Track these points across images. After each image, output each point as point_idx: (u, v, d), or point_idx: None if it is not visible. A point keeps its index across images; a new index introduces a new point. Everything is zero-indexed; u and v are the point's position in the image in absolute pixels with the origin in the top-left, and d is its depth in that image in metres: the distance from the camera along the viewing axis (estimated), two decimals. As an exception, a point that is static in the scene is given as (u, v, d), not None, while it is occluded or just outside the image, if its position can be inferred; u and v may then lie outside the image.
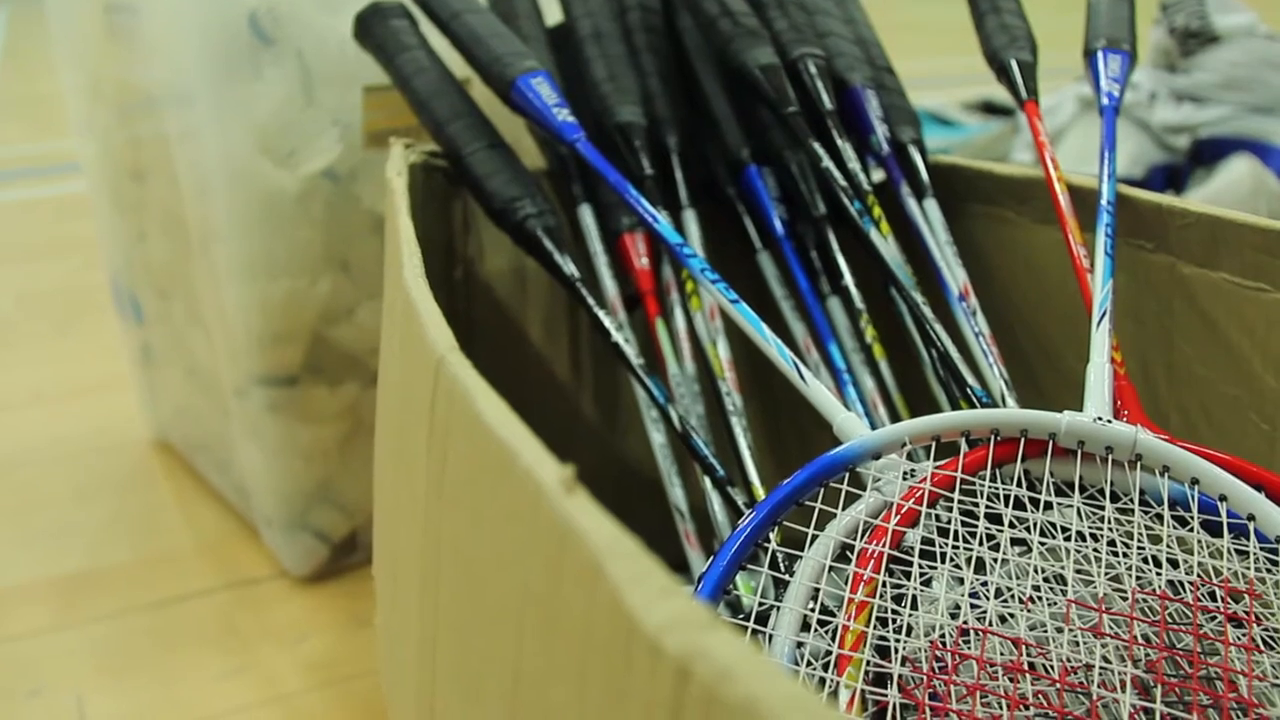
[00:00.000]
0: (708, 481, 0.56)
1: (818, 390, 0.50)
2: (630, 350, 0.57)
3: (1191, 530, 0.46)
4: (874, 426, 0.62)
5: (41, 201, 2.02)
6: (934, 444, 0.49)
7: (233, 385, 0.87)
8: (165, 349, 1.02)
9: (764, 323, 0.52)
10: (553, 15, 0.77)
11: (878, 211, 0.62)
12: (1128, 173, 1.38)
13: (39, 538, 0.96)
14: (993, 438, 0.48)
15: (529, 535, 0.24)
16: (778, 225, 0.68)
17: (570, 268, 0.59)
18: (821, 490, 0.47)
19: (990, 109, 1.70)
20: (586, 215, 0.67)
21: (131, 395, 1.12)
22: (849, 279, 0.65)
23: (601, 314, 0.57)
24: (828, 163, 0.62)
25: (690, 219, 0.68)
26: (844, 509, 0.46)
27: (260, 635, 0.83)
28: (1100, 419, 0.48)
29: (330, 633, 0.83)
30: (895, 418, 0.63)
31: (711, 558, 0.44)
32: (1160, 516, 0.46)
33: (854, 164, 0.63)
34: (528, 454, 0.24)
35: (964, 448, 0.48)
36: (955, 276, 0.63)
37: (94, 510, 1.00)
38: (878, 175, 0.70)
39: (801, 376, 0.50)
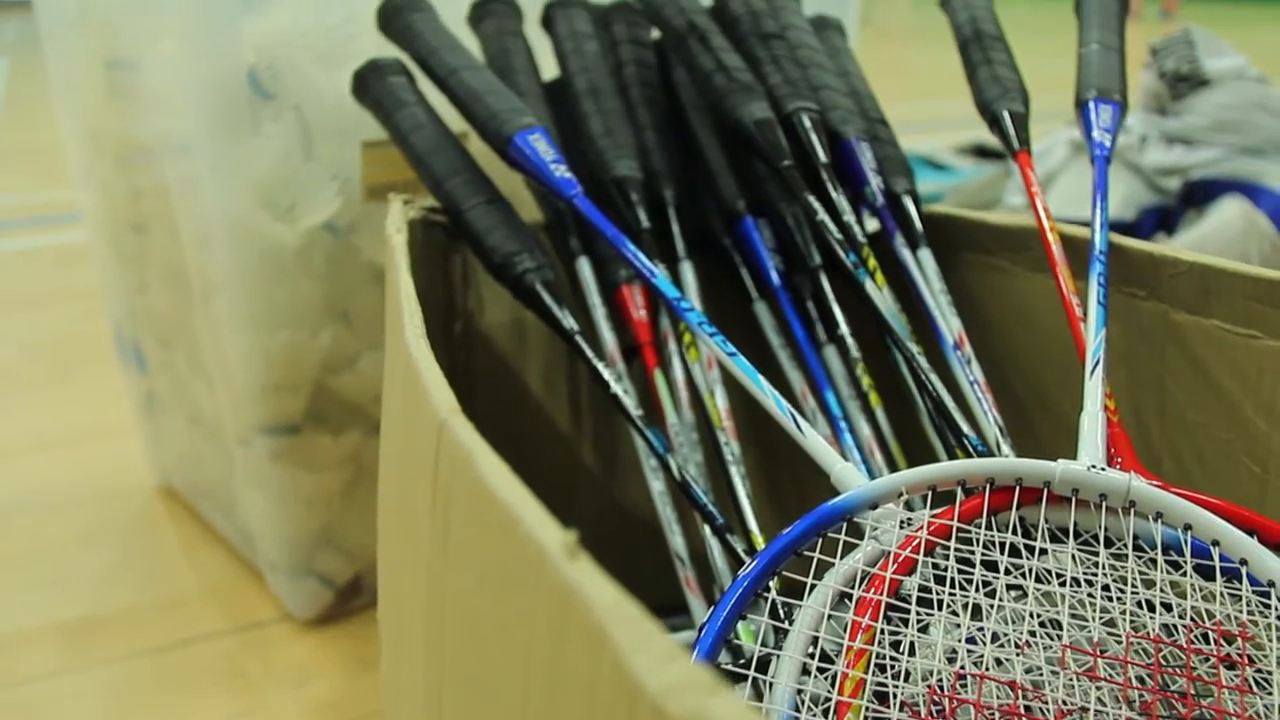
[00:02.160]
0: (707, 529, 0.57)
1: (815, 441, 0.50)
2: (629, 402, 0.57)
3: (1185, 574, 0.46)
4: (871, 473, 0.63)
5: (43, 250, 2.03)
6: (930, 493, 0.50)
7: (236, 434, 0.88)
8: (168, 397, 1.03)
9: (761, 375, 0.53)
10: (549, 70, 0.79)
11: (873, 263, 0.63)
12: (1119, 215, 1.39)
13: (45, 583, 0.96)
14: (988, 486, 0.49)
15: (533, 598, 0.25)
16: (774, 276, 0.69)
17: (569, 321, 0.60)
18: (820, 540, 0.47)
19: (983, 153, 1.72)
20: (585, 268, 0.68)
21: (135, 442, 1.13)
22: (845, 328, 0.66)
23: (600, 366, 0.58)
24: (823, 215, 0.63)
25: (687, 270, 0.69)
26: (842, 558, 0.47)
27: (266, 678, 0.84)
28: (1094, 467, 0.48)
29: (335, 675, 0.84)
30: (892, 463, 0.63)
31: (713, 607, 0.45)
32: (1154, 561, 0.47)
33: (849, 216, 0.64)
34: (531, 519, 0.25)
35: (960, 496, 0.48)
36: (950, 325, 0.63)
37: (99, 555, 1.01)
38: (872, 225, 0.71)
39: (799, 427, 0.51)
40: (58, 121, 1.02)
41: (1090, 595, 0.46)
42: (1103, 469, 0.48)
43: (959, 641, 0.44)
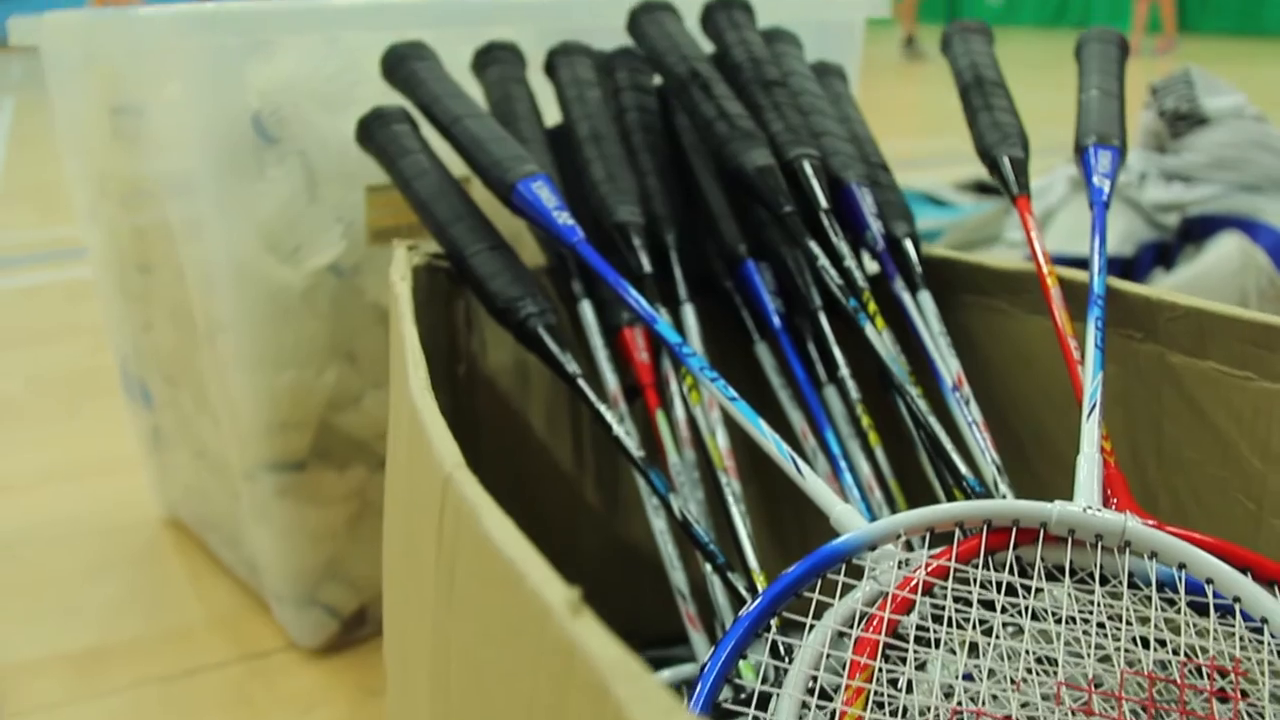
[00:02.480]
0: (708, 566, 0.58)
1: (814, 484, 0.51)
2: (631, 443, 0.58)
3: (1179, 611, 0.47)
4: (870, 511, 0.64)
5: (49, 286, 2.05)
6: (929, 534, 0.50)
7: (241, 470, 0.89)
8: (174, 432, 1.04)
9: (761, 418, 0.54)
10: (551, 113, 0.80)
11: (873, 307, 0.64)
12: (1118, 250, 1.40)
13: (52, 613, 0.98)
14: (985, 527, 0.49)
15: (536, 652, 0.25)
16: (775, 318, 0.70)
17: (571, 365, 0.61)
18: (820, 580, 0.48)
19: (983, 189, 1.73)
20: (587, 311, 0.69)
21: (141, 475, 1.14)
22: (844, 370, 0.67)
23: (602, 408, 0.59)
24: (824, 261, 0.64)
25: (689, 313, 0.70)
26: (841, 598, 0.47)
27: (272, 706, 0.84)
28: (1089, 508, 0.49)
29: (340, 704, 0.85)
30: (890, 501, 0.64)
31: (714, 647, 0.46)
32: (1149, 599, 0.48)
33: (849, 261, 0.65)
34: (534, 575, 0.26)
35: (958, 536, 0.49)
36: (949, 367, 0.64)
37: (106, 586, 1.02)
38: (873, 267, 0.71)
39: (799, 470, 0.51)
40: (64, 163, 1.03)
41: (1085, 632, 0.47)
42: (1098, 510, 0.49)
43: (955, 678, 0.45)
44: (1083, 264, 0.64)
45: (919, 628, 0.46)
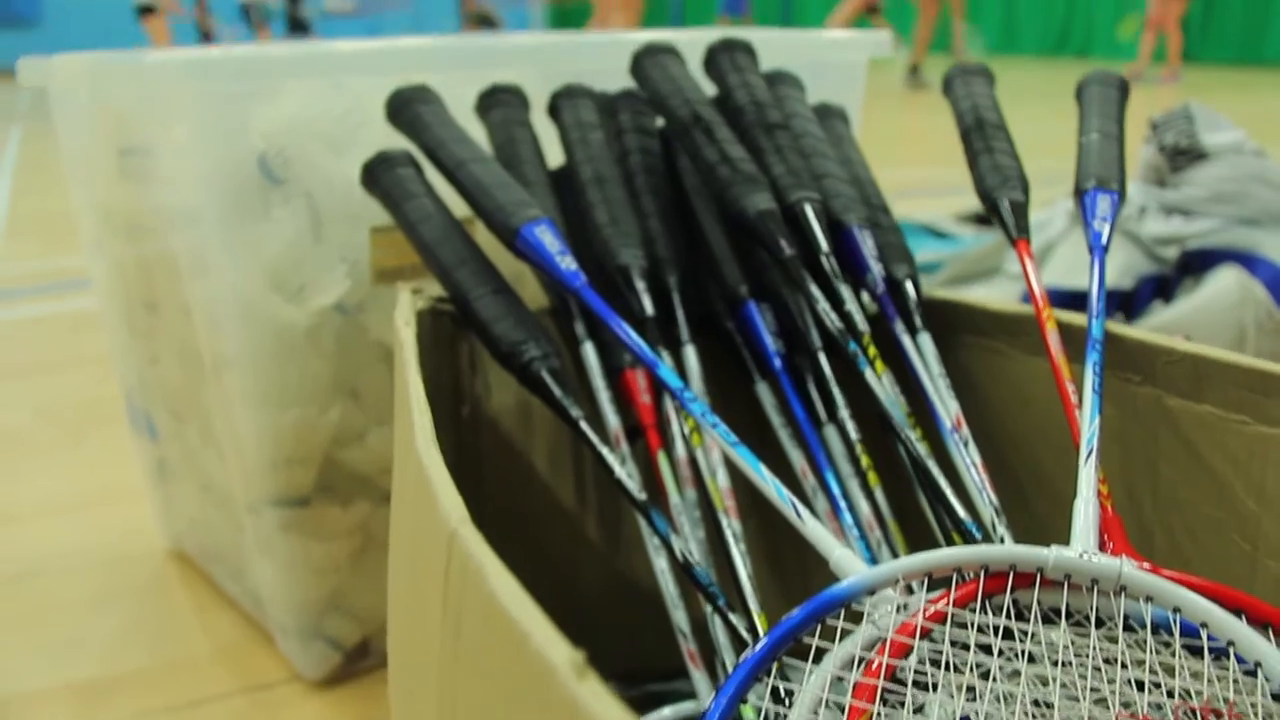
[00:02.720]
0: (709, 606, 0.58)
1: (814, 529, 0.52)
2: (633, 485, 0.59)
3: (1174, 655, 0.48)
4: (869, 550, 0.64)
5: (56, 317, 2.06)
6: (927, 579, 0.51)
7: (246, 504, 0.89)
8: (179, 465, 1.05)
9: (762, 463, 0.54)
10: (554, 152, 0.81)
11: (873, 351, 0.65)
12: (1118, 283, 1.41)
13: (57, 644, 0.98)
14: (983, 573, 0.50)
15: (541, 711, 0.26)
16: (775, 359, 0.71)
17: (574, 409, 0.62)
18: (820, 625, 0.49)
19: (983, 221, 1.74)
20: (590, 353, 0.69)
21: (147, 506, 1.15)
22: (844, 411, 0.67)
23: (604, 451, 0.60)
24: (824, 305, 0.65)
25: (690, 354, 0.70)
26: (840, 642, 0.48)
27: (276, 737, 0.85)
28: (1086, 553, 0.50)
29: (344, 734, 0.85)
30: (889, 541, 0.65)
31: (715, 692, 0.46)
32: (1144, 642, 0.49)
33: (850, 305, 0.66)
34: (539, 635, 0.27)
35: (956, 580, 0.50)
36: (948, 409, 0.65)
37: (111, 617, 1.02)
38: (873, 307, 0.72)
39: (799, 515, 0.52)
40: (71, 197, 1.04)
41: (1081, 674, 0.47)
42: (1094, 555, 0.50)
43: (954, 721, 0.46)
44: (1082, 298, 0.64)
45: (917, 671, 0.47)
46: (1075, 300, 1.36)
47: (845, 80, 1.03)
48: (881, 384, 0.63)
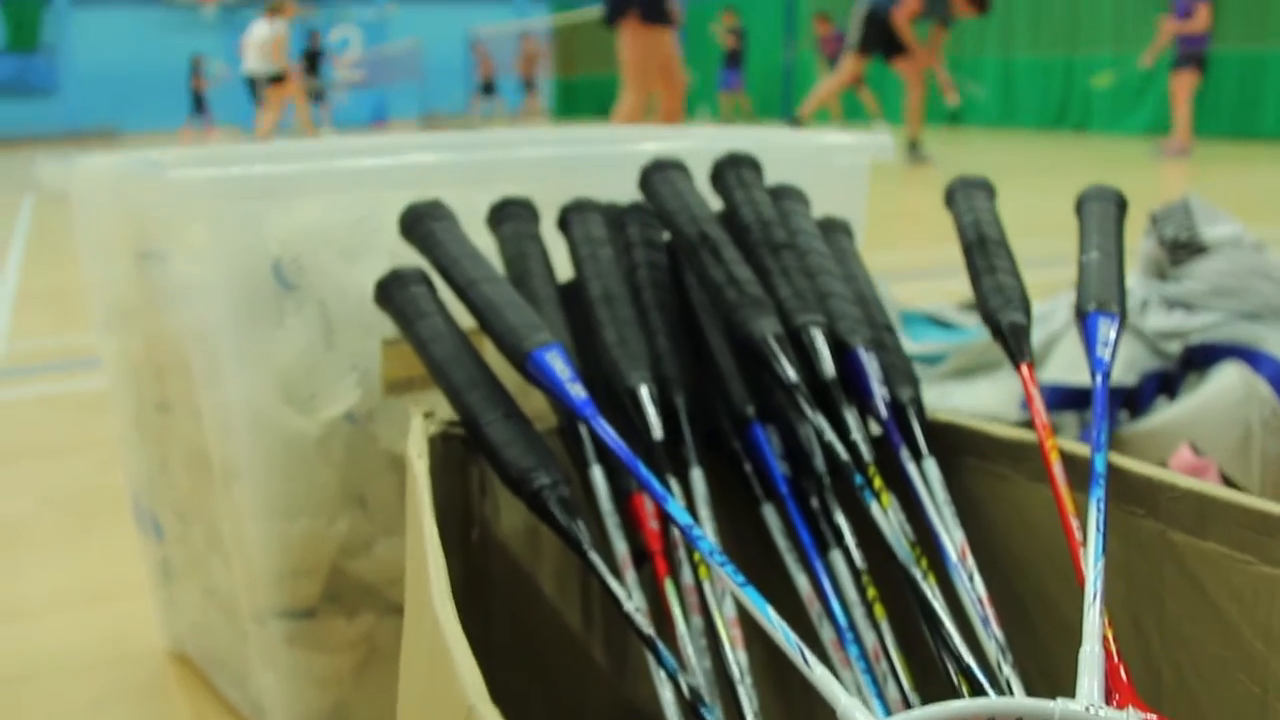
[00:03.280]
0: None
1: (822, 676, 0.52)
2: (641, 620, 0.59)
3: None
4: (876, 683, 0.64)
5: (64, 397, 2.06)
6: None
7: (251, 613, 0.89)
8: (184, 567, 1.05)
9: (770, 606, 0.54)
10: (561, 255, 0.82)
11: (878, 483, 0.65)
12: (1121, 379, 1.41)
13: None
14: (990, 722, 0.50)
15: None
16: (781, 483, 0.71)
17: (583, 539, 0.62)
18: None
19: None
20: (598, 477, 0.70)
21: (149, 603, 1.14)
22: (850, 540, 0.68)
23: (613, 583, 0.60)
24: (830, 436, 0.65)
25: (698, 478, 0.71)
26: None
27: None
28: (1091, 707, 0.50)
29: None
30: (896, 675, 0.65)
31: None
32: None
33: (855, 434, 0.67)
34: None
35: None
36: (953, 539, 0.65)
37: (112, 722, 1.01)
38: (878, 429, 0.73)
39: (806, 662, 0.52)
40: (82, 267, 1.05)
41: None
42: (1100, 708, 0.50)
43: None
44: (1085, 395, 0.65)
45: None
46: (1079, 398, 1.36)
47: (848, 183, 1.04)
48: (888, 518, 0.63)
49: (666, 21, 4.37)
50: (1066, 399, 1.39)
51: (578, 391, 0.65)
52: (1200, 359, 1.44)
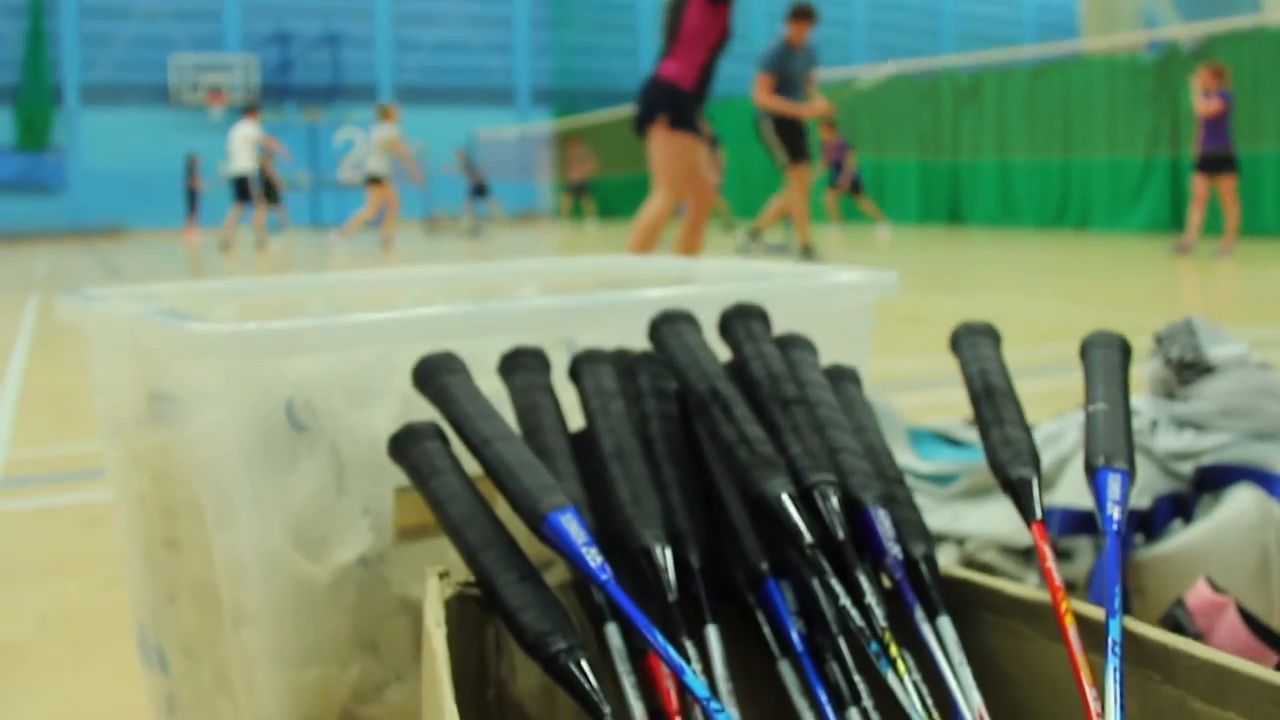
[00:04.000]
0: None
1: None
2: (658, 794, 0.58)
3: None
4: None
5: (67, 509, 2.05)
6: None
7: (260, 757, 0.88)
8: (190, 704, 1.03)
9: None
10: (572, 409, 0.82)
11: (894, 650, 0.65)
12: (1135, 503, 1.40)
13: None
14: None
15: None
16: (797, 640, 0.71)
17: (603, 705, 0.61)
18: None
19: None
20: (614, 635, 0.69)
21: (152, 737, 1.13)
22: (867, 701, 0.67)
23: (630, 751, 0.59)
24: (845, 601, 0.65)
25: (713, 635, 0.70)
26: None
27: None
28: None
29: None
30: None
31: None
32: None
33: (870, 598, 0.66)
34: None
35: None
36: (970, 703, 0.64)
37: None
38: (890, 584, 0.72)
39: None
40: (86, 370, 1.05)
41: None
42: None
43: None
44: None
45: None
46: (1091, 522, 1.36)
47: (853, 320, 1.05)
48: (904, 686, 0.63)
49: (694, 130, 4.41)
50: (1078, 523, 1.38)
51: (593, 557, 0.65)
52: (1213, 480, 1.44)
